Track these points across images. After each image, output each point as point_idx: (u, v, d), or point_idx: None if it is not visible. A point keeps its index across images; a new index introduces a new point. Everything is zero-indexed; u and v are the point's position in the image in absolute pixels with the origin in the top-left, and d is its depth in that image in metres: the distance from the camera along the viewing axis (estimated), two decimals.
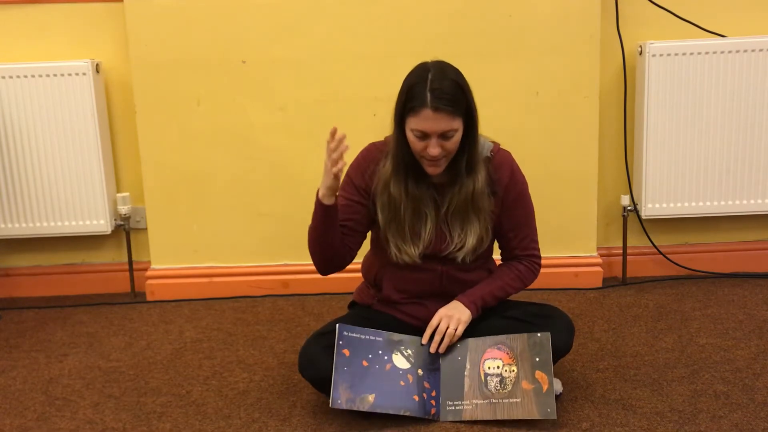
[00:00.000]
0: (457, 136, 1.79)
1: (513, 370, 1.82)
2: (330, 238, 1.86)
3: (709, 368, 2.08)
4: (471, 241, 1.88)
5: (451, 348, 1.88)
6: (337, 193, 1.85)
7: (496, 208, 1.91)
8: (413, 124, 1.77)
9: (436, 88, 1.74)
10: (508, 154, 1.94)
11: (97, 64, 2.70)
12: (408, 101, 1.77)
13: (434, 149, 1.76)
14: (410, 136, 1.79)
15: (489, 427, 1.79)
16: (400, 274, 1.96)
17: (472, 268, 1.96)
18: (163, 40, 2.63)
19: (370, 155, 1.92)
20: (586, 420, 1.82)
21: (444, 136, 1.76)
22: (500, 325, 1.92)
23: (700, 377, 2.03)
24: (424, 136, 1.77)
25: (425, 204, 1.87)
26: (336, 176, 1.77)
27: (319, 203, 1.82)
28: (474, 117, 1.81)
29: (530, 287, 2.71)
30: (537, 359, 1.82)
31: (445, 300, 1.95)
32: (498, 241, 2.01)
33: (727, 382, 1.99)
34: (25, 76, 2.65)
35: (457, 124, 1.77)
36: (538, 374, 1.80)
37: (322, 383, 1.84)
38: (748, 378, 2.01)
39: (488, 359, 1.85)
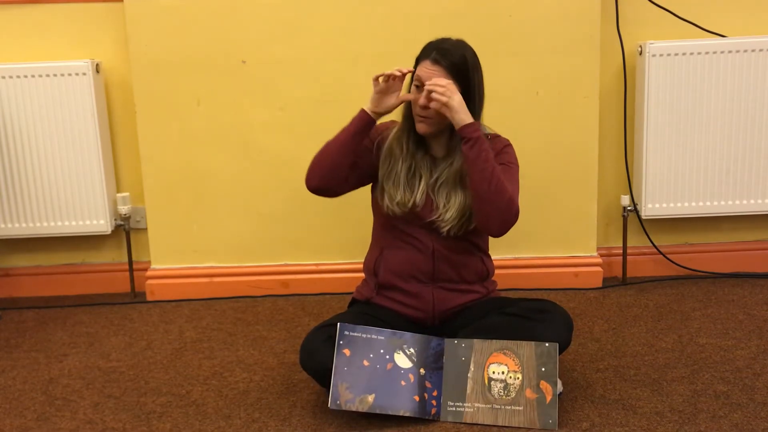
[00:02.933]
0: None
1: (518, 378, 1.82)
2: (348, 146, 1.94)
3: (709, 368, 2.08)
4: (453, 212, 1.94)
5: (455, 348, 1.88)
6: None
7: None
8: (416, 73, 1.92)
9: (443, 48, 1.90)
10: (505, 139, 2.04)
11: (97, 64, 2.71)
12: (419, 55, 1.94)
13: (422, 99, 1.88)
14: (412, 88, 1.94)
15: (489, 429, 1.79)
16: (395, 256, 2.01)
17: (463, 251, 2.01)
18: (163, 40, 2.63)
19: (385, 124, 2.07)
20: (586, 420, 1.82)
21: None
22: (499, 321, 1.93)
23: (700, 377, 2.03)
24: (419, 85, 1.90)
25: (420, 167, 1.98)
26: (376, 88, 1.92)
27: (360, 111, 1.95)
28: (475, 94, 1.92)
29: (530, 287, 2.75)
30: (543, 369, 1.82)
31: (439, 284, 2.00)
32: None
33: (727, 382, 1.99)
34: (25, 76, 2.65)
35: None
36: (543, 384, 1.81)
37: (323, 376, 1.85)
38: (748, 378, 2.01)
39: (493, 363, 1.85)
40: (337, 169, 1.95)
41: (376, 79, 1.91)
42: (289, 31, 2.63)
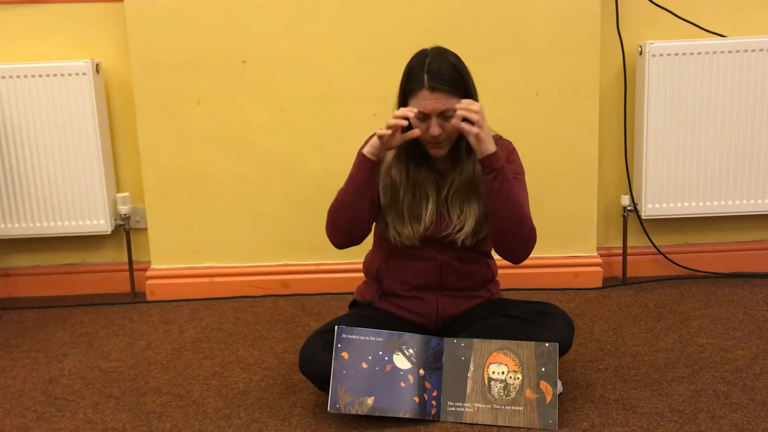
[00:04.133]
0: None
1: (518, 378, 1.82)
2: (364, 199, 1.87)
3: (709, 368, 2.08)
4: (470, 222, 1.90)
5: (454, 347, 1.88)
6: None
7: None
8: (413, 105, 1.81)
9: (433, 69, 1.79)
10: (509, 142, 1.98)
11: (97, 64, 2.71)
12: (407, 84, 1.84)
13: (435, 129, 1.80)
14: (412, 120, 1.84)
15: (489, 429, 1.79)
16: (400, 266, 1.98)
17: (471, 260, 1.98)
18: (163, 40, 2.63)
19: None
20: (586, 420, 1.82)
21: (444, 116, 1.81)
22: (500, 323, 1.93)
23: (700, 377, 2.03)
24: (424, 117, 1.81)
25: (426, 186, 1.91)
26: (379, 138, 1.81)
27: (365, 159, 1.85)
28: (473, 96, 1.85)
29: (530, 287, 2.74)
30: (543, 369, 1.81)
31: (444, 292, 1.98)
32: None
33: (727, 382, 1.99)
34: (25, 76, 2.65)
35: (456, 104, 1.80)
36: (543, 384, 1.80)
37: (322, 381, 1.85)
38: (748, 378, 2.01)
39: (493, 363, 1.84)
40: (359, 221, 1.89)
41: (381, 136, 1.79)
42: (289, 31, 2.63)
